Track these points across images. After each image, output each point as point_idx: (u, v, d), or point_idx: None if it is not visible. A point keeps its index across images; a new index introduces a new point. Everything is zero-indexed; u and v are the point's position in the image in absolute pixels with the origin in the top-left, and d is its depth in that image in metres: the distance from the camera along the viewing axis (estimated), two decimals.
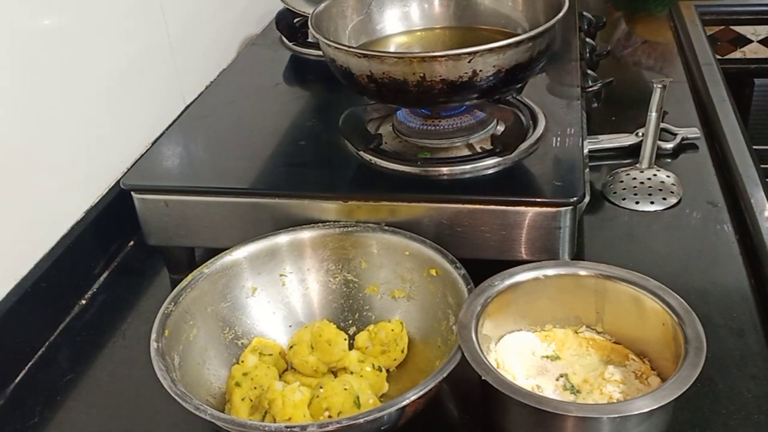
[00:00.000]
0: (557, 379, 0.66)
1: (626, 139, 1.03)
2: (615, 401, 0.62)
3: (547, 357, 0.68)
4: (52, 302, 0.81)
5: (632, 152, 1.01)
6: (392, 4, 0.94)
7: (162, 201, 0.82)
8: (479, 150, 0.83)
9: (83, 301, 0.85)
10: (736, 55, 1.62)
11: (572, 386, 0.65)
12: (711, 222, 0.88)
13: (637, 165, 0.98)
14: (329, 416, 0.63)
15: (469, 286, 0.67)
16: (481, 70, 0.74)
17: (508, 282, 0.68)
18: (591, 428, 0.57)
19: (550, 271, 0.69)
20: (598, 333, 0.69)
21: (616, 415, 0.56)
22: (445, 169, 0.80)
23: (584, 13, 1.22)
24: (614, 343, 0.69)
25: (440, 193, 0.78)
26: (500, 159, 0.80)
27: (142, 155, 0.91)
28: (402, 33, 0.94)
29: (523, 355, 0.68)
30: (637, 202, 0.92)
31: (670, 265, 0.82)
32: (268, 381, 0.68)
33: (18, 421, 0.71)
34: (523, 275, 0.69)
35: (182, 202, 0.82)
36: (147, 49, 1.00)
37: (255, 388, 0.67)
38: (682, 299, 0.64)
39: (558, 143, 0.83)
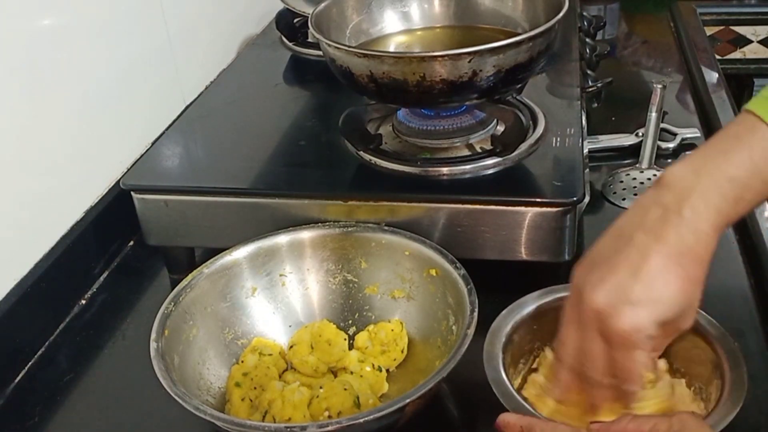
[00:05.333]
0: None
1: (626, 139, 1.03)
2: None
3: None
4: (52, 302, 0.81)
5: (632, 152, 1.01)
6: (392, 3, 0.94)
7: (162, 201, 0.82)
8: (479, 150, 0.83)
9: (83, 301, 0.85)
10: (736, 55, 1.62)
11: None
12: None
13: (637, 165, 0.98)
14: (329, 416, 0.63)
15: (468, 286, 0.67)
16: (481, 70, 0.74)
17: (532, 306, 0.68)
18: None
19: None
20: None
21: None
22: (445, 169, 0.80)
23: (584, 13, 1.22)
24: None
25: (440, 193, 0.78)
26: (500, 159, 0.80)
27: (142, 155, 0.91)
28: (402, 32, 0.94)
29: None
30: None
31: None
32: (267, 381, 0.68)
33: (18, 421, 0.71)
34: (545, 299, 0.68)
35: (182, 202, 0.82)
36: (147, 49, 1.00)
37: (255, 388, 0.67)
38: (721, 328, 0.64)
39: (558, 143, 0.83)
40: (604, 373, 0.57)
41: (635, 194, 0.93)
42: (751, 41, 1.61)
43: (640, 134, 1.02)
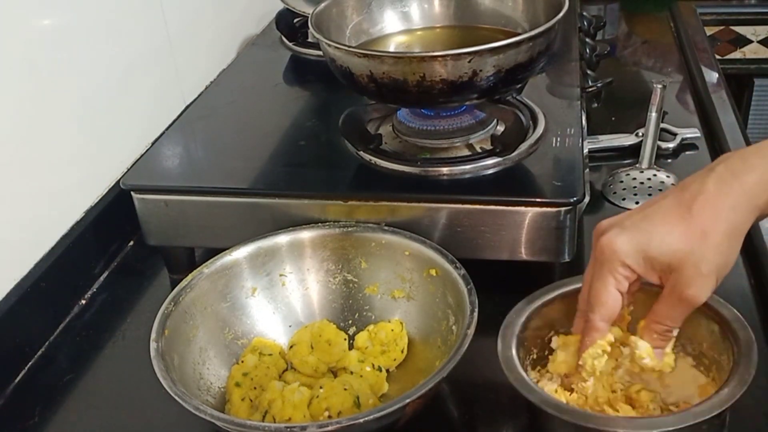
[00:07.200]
0: None
1: (626, 139, 1.03)
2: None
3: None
4: (52, 302, 0.81)
5: (632, 152, 1.01)
6: (392, 3, 0.94)
7: (162, 201, 0.82)
8: (479, 150, 0.83)
9: (83, 301, 0.85)
10: (736, 55, 1.62)
11: None
12: None
13: (637, 165, 0.98)
14: (329, 416, 0.63)
15: (468, 286, 0.67)
16: (481, 70, 0.74)
17: (551, 295, 0.68)
18: None
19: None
20: None
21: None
22: (445, 169, 0.80)
23: (584, 13, 1.22)
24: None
25: (440, 193, 0.78)
26: (500, 159, 0.80)
27: (142, 155, 0.91)
28: (402, 32, 0.94)
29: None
30: (637, 202, 0.92)
31: None
32: (267, 381, 0.68)
33: (18, 421, 0.71)
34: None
35: (182, 202, 0.82)
36: (147, 49, 1.00)
37: (255, 388, 0.68)
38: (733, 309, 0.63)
39: (558, 143, 0.83)
40: (583, 300, 0.60)
41: (635, 194, 0.93)
42: (751, 41, 1.61)
43: (640, 134, 1.02)
